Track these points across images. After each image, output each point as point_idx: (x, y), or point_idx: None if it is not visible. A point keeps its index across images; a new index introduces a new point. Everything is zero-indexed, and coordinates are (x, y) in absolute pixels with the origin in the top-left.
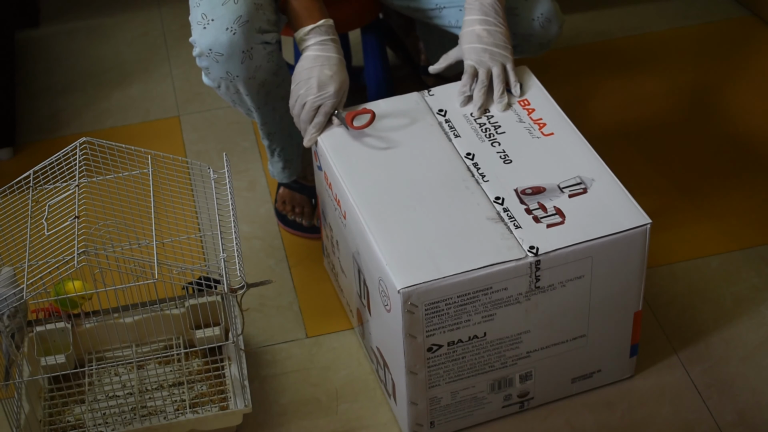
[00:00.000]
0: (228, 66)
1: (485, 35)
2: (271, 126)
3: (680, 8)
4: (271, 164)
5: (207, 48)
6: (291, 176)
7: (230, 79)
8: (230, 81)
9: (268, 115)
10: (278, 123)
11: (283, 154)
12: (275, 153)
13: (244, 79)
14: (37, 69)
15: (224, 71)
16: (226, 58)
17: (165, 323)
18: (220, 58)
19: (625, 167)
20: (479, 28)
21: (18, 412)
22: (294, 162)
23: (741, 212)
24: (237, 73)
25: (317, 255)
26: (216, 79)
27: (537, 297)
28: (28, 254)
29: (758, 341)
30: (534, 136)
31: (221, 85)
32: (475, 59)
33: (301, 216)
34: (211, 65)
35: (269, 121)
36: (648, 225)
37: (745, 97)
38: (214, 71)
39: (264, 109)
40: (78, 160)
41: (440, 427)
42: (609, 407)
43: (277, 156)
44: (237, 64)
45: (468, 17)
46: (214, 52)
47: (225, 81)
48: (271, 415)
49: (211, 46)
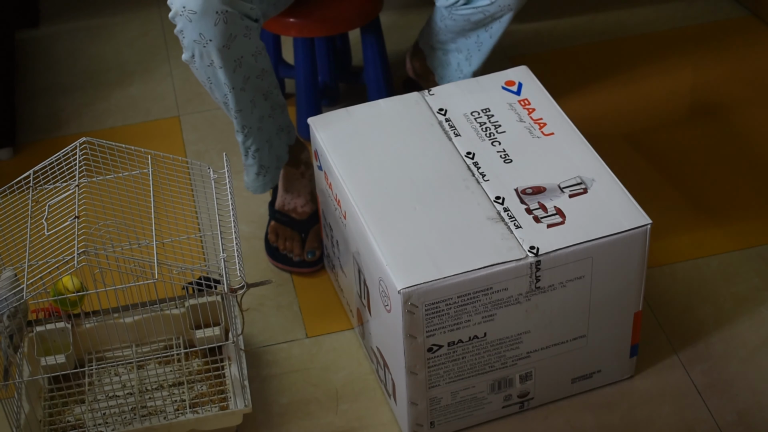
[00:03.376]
0: (201, 26)
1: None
2: (247, 118)
3: (680, 8)
4: (246, 172)
5: (181, 6)
6: (266, 186)
7: (203, 43)
8: (203, 46)
9: (245, 102)
10: (257, 120)
11: (258, 156)
12: (249, 153)
13: (217, 46)
14: (37, 69)
15: (197, 33)
16: (199, 16)
17: (165, 323)
18: (193, 17)
19: (625, 167)
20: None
21: (18, 412)
22: (270, 171)
23: (741, 212)
24: (210, 36)
25: None
26: (190, 45)
27: (537, 297)
28: (28, 254)
29: (758, 341)
30: (534, 135)
31: (195, 53)
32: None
33: (291, 251)
34: (185, 26)
35: (245, 110)
36: (648, 225)
37: (745, 97)
38: (187, 34)
39: (240, 95)
40: (78, 160)
41: (440, 427)
42: (609, 407)
43: (252, 158)
44: (210, 26)
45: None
46: (188, 9)
47: (198, 46)
48: (271, 415)
49: (185, 3)
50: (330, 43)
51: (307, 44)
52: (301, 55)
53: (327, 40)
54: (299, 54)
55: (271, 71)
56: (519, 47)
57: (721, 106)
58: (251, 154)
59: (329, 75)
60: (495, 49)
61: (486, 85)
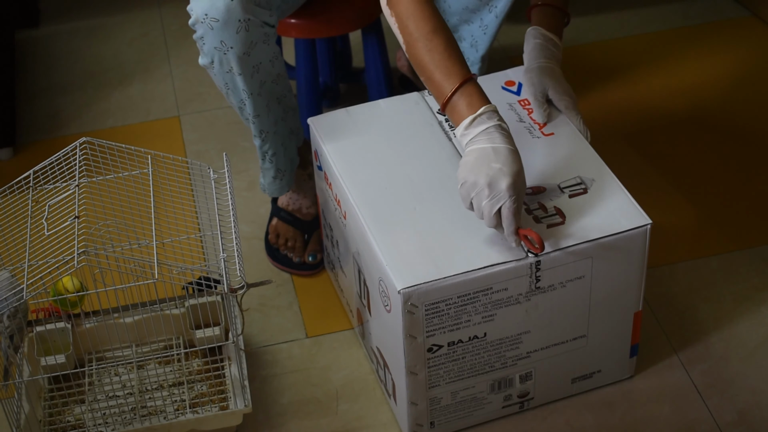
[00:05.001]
0: (223, 34)
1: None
2: (264, 122)
3: (680, 8)
4: (262, 174)
5: (203, 13)
6: (283, 189)
7: (224, 50)
8: (224, 54)
9: (262, 107)
10: (272, 124)
11: (275, 160)
12: (266, 157)
13: (238, 53)
14: (37, 69)
15: (218, 40)
16: (221, 24)
17: (165, 323)
18: (215, 25)
19: (625, 167)
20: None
21: (18, 412)
22: (286, 175)
23: (741, 212)
24: (231, 44)
25: None
26: (210, 51)
27: (537, 297)
28: (28, 254)
29: (758, 341)
30: (534, 135)
31: (215, 59)
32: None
33: (292, 251)
34: (206, 33)
35: (262, 114)
36: (648, 225)
37: (744, 97)
38: (208, 41)
39: (258, 100)
40: (78, 160)
41: (440, 427)
42: (609, 407)
43: (269, 162)
44: (232, 34)
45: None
46: (210, 17)
47: (219, 53)
48: (271, 415)
49: (207, 11)
50: (331, 44)
51: (308, 45)
52: (302, 56)
53: (328, 41)
54: (300, 55)
55: (285, 75)
56: (519, 47)
57: (721, 106)
58: (269, 158)
59: (330, 76)
60: (495, 49)
61: (486, 85)
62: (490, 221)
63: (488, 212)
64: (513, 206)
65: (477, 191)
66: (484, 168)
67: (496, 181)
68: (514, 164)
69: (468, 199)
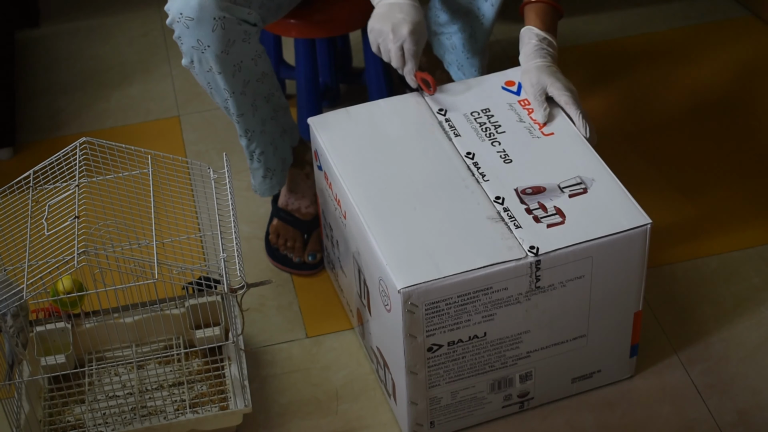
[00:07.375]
0: (198, 33)
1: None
2: (249, 121)
3: (680, 8)
4: (252, 176)
5: (178, 12)
6: (274, 188)
7: (201, 50)
8: (201, 52)
9: (246, 107)
10: (259, 123)
11: (263, 160)
12: (254, 156)
13: (216, 51)
14: (37, 69)
15: (195, 39)
16: (196, 23)
17: (165, 323)
18: (191, 23)
19: (625, 167)
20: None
21: (18, 412)
22: (276, 174)
23: (741, 212)
24: (208, 42)
25: None
26: (188, 51)
27: (537, 297)
28: (28, 254)
29: (758, 341)
30: (534, 135)
31: (194, 59)
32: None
33: (292, 251)
34: (182, 33)
35: (246, 113)
36: (648, 225)
37: (744, 97)
38: (186, 40)
39: (241, 99)
40: (78, 160)
41: (440, 427)
42: (609, 407)
43: (257, 161)
44: (208, 32)
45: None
46: (185, 16)
47: (197, 53)
48: (271, 415)
49: (181, 10)
50: (331, 44)
51: (308, 45)
52: (302, 57)
53: (328, 41)
54: (300, 55)
55: (272, 74)
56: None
57: (721, 106)
58: (256, 158)
59: (330, 76)
60: (495, 49)
61: (486, 85)
62: (396, 61)
63: (394, 52)
64: (413, 48)
65: (383, 36)
66: (390, 18)
67: (399, 27)
68: (416, 15)
69: (375, 43)
